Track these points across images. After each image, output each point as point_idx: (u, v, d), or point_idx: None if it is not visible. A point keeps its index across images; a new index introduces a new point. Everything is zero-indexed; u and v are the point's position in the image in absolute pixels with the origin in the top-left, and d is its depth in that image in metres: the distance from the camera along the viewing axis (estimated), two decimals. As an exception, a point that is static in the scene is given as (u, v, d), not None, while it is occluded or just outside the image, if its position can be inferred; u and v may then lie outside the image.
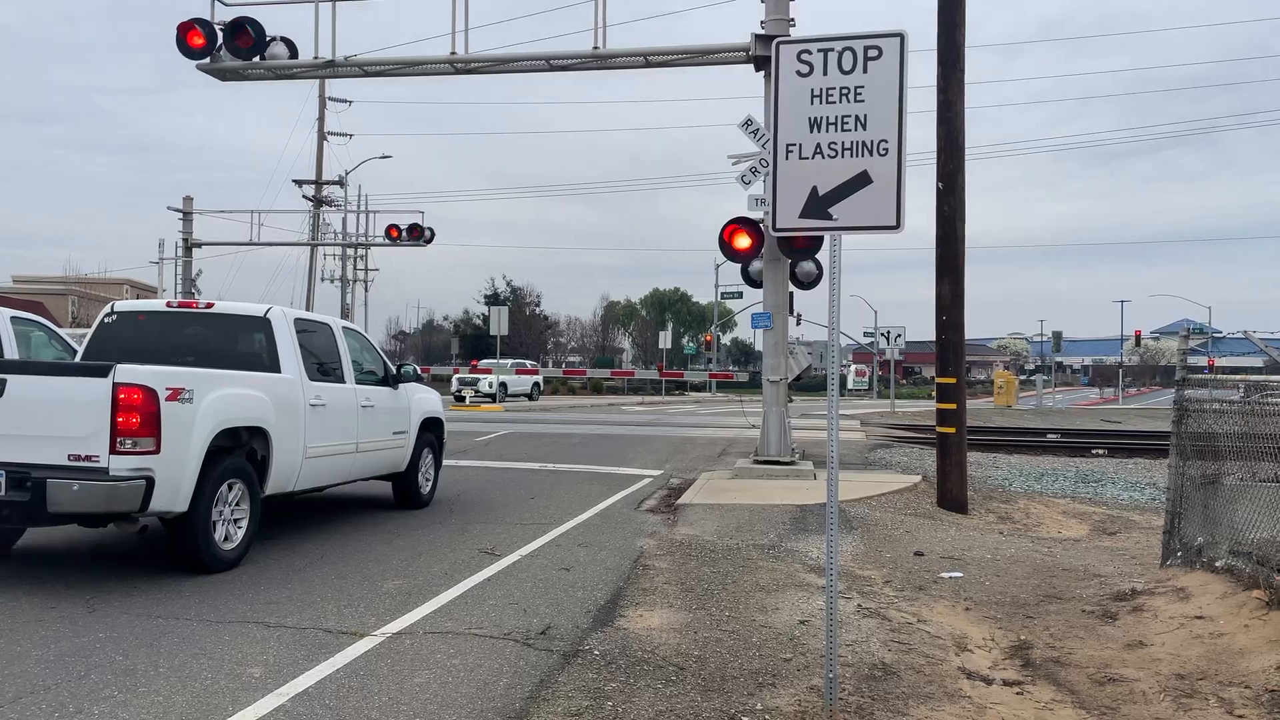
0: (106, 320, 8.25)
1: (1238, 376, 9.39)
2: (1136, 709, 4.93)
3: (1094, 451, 19.39)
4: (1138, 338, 68.56)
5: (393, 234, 31.08)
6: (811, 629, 5.82)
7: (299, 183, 41.94)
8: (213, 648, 5.13)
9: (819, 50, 4.69)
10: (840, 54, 4.66)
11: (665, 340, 59.42)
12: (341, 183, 41.98)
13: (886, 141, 4.60)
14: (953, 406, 11.63)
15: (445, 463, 11.41)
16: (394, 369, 9.77)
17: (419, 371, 10.20)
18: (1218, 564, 6.80)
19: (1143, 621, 6.38)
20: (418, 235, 30.79)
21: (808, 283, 14.79)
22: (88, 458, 6.09)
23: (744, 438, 19.38)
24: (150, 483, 6.19)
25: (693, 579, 7.11)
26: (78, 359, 8.26)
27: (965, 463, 11.71)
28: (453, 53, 15.34)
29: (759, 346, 15.36)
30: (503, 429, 21.33)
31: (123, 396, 6.12)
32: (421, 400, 10.29)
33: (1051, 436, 22.47)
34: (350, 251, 43.65)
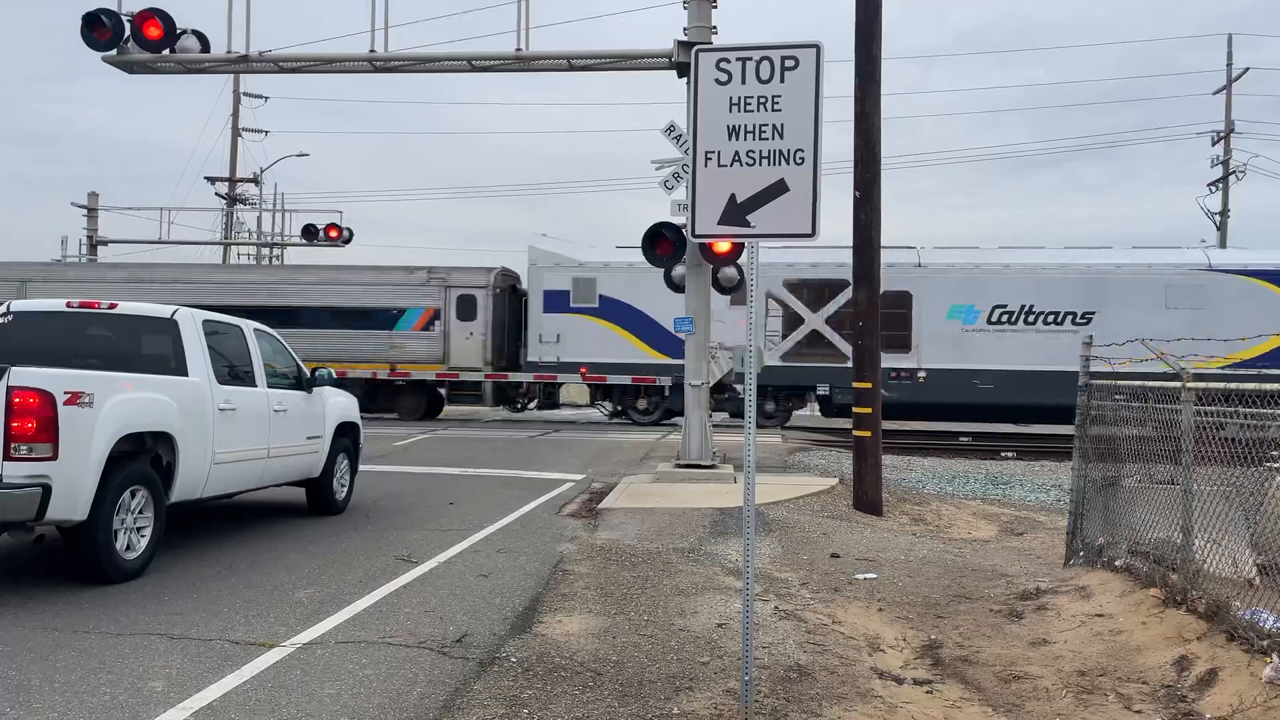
0: (1, 321, 7.89)
1: (1136, 382, 9.81)
2: (1040, 705, 5.09)
3: (1004, 454, 19.97)
4: (1046, 344, 70.78)
5: (309, 234, 30.41)
6: (729, 632, 5.87)
7: (212, 180, 40.69)
8: (112, 661, 4.94)
9: (738, 59, 4.75)
10: (758, 63, 4.72)
11: (588, 344, 59.29)
12: (257, 180, 40.90)
13: (803, 151, 4.67)
14: (869, 411, 11.87)
15: (362, 468, 11.20)
16: (308, 372, 9.55)
17: (334, 375, 9.99)
18: (1117, 563, 7.07)
19: (1046, 620, 6.59)
20: (335, 235, 30.14)
21: (729, 288, 14.93)
22: (-21, 464, 5.81)
23: (666, 442, 19.46)
24: (47, 490, 5.94)
25: (612, 584, 7.11)
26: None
27: (880, 465, 11.96)
28: (372, 50, 15.07)
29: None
30: (423, 433, 21.03)
31: (17, 400, 5.87)
32: (337, 404, 10.08)
33: (964, 439, 23.07)
34: (265, 251, 42.59)
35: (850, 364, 22.69)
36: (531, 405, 26.33)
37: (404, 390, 25.04)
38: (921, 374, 23.01)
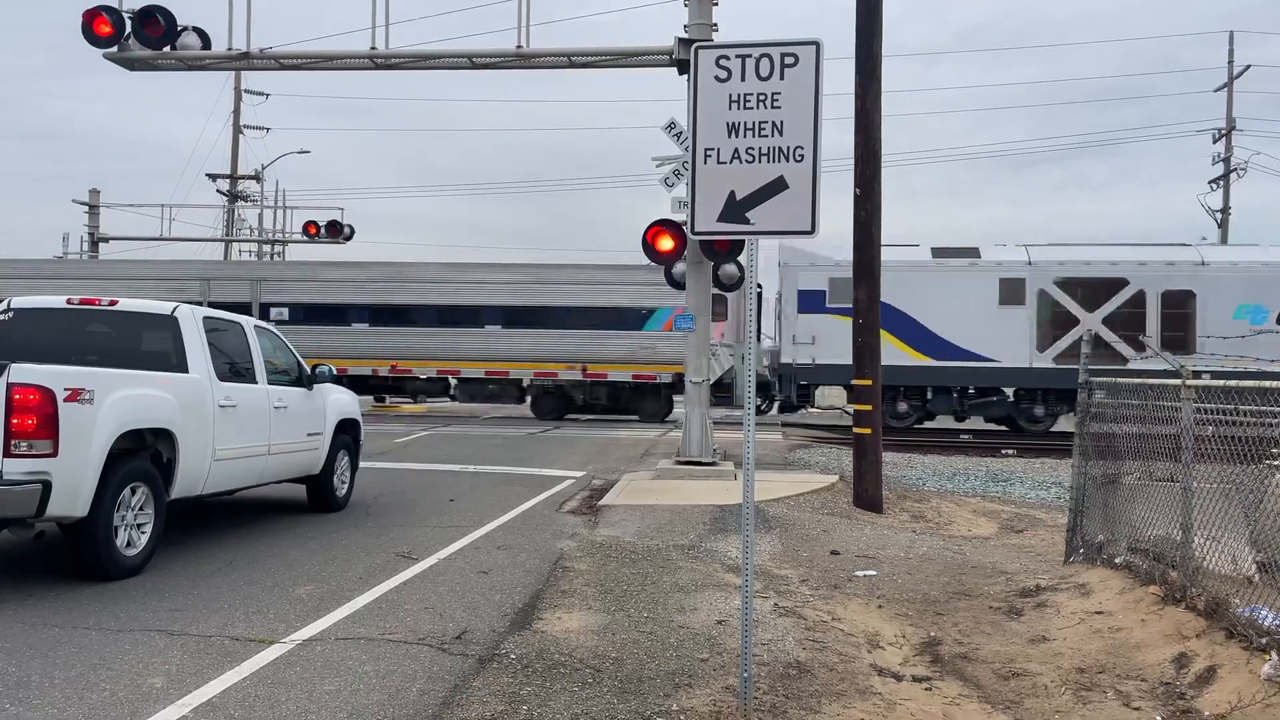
0: (2, 317, 7.90)
1: (1135, 380, 9.85)
2: (1039, 702, 5.09)
3: (1004, 451, 19.97)
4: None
5: (311, 231, 30.37)
6: (729, 629, 5.87)
7: (213, 177, 40.71)
8: (112, 658, 4.95)
9: (737, 56, 4.74)
10: (758, 60, 4.71)
11: (590, 341, 59.23)
12: (258, 177, 40.91)
13: (802, 148, 4.67)
14: (869, 408, 11.87)
15: (363, 465, 11.21)
16: (308, 369, 9.56)
17: (334, 371, 9.99)
18: (1117, 560, 7.07)
19: (1046, 617, 6.60)
20: (336, 233, 30.17)
21: (730, 285, 14.96)
22: (-21, 461, 5.82)
23: (667, 439, 19.47)
24: (47, 487, 5.95)
25: (612, 580, 7.11)
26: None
27: (880, 463, 11.96)
28: (373, 47, 15.09)
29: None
30: (423, 430, 21.05)
31: (17, 397, 5.87)
32: (337, 401, 10.09)
33: (964, 437, 23.07)
34: (267, 248, 42.61)
35: (1129, 365, 21.89)
36: (774, 408, 26.08)
37: (648, 391, 24.71)
38: (1206, 376, 22.12)
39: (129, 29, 15.04)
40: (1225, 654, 5.13)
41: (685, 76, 13.82)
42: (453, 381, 25.38)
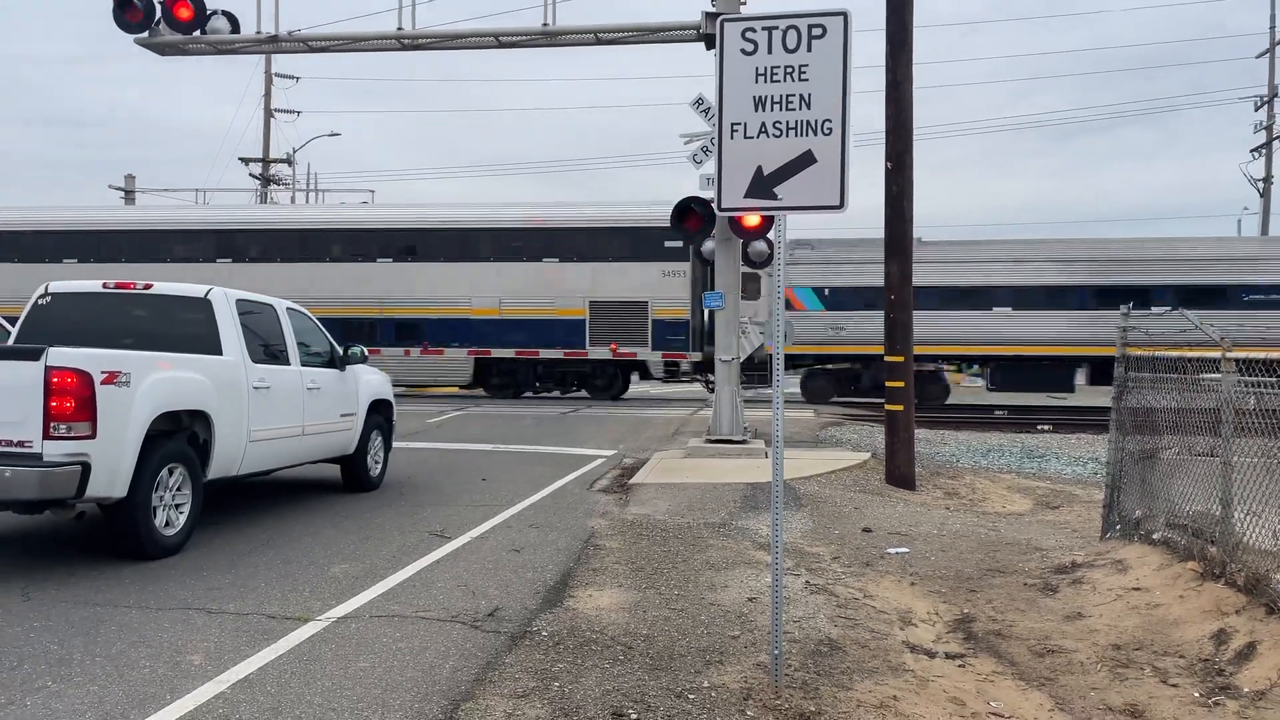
0: (40, 302, 8.03)
1: (1174, 353, 9.65)
2: (1074, 679, 5.04)
3: (1039, 427, 19.74)
4: (1084, 315, 69.76)
5: (342, 213, 30.54)
6: (760, 606, 5.86)
7: (245, 161, 41.04)
8: (152, 635, 5.04)
9: (763, 28, 4.68)
10: (784, 32, 4.64)
11: (620, 320, 59.23)
12: (289, 161, 41.17)
13: (830, 121, 4.60)
14: (901, 384, 11.77)
15: (396, 445, 11.30)
16: (340, 351, 9.63)
17: (366, 353, 10.06)
18: (1155, 536, 6.97)
19: (1082, 593, 6.53)
20: (368, 214, 30.29)
21: (760, 262, 14.87)
22: (20, 443, 5.93)
23: (697, 418, 19.44)
24: (86, 468, 6.05)
25: (643, 558, 7.12)
26: (10, 341, 8.02)
27: (913, 439, 11.87)
28: (400, 28, 15.08)
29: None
30: (455, 410, 21.18)
31: (56, 380, 5.96)
32: (369, 382, 10.17)
33: (999, 413, 22.83)
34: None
35: None
36: None
37: None
38: None
39: (159, 14, 15.13)
40: (1265, 630, 5.05)
41: (713, 51, 13.70)
42: None
